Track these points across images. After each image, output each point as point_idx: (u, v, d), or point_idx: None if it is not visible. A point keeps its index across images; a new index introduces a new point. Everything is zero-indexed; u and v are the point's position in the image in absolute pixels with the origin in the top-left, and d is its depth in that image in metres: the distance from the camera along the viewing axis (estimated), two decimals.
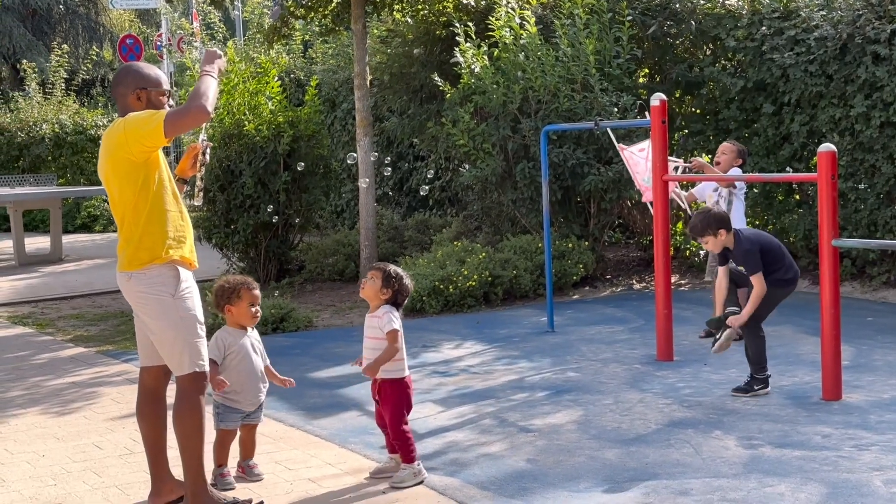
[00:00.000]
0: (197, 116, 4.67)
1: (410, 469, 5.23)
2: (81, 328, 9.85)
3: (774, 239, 6.87)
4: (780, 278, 6.62)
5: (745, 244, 6.58)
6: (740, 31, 10.83)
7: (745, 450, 5.55)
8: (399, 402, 5.28)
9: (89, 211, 19.63)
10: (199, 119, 4.69)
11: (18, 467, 5.69)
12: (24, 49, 33.22)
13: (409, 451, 5.25)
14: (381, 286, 5.28)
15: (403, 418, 5.28)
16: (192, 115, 4.67)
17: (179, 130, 4.71)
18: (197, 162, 5.13)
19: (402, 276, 5.34)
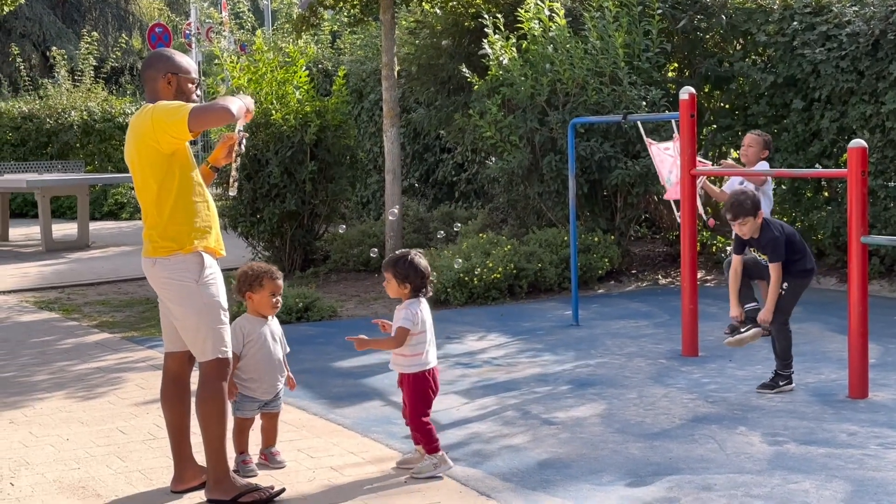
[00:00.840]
0: (220, 114, 4.70)
1: (431, 460, 5.21)
2: (107, 314, 9.89)
3: (795, 230, 6.87)
4: (802, 269, 6.64)
5: (773, 230, 6.57)
6: (771, 26, 10.75)
7: (769, 446, 5.51)
8: (415, 395, 5.25)
9: (116, 198, 19.72)
10: (223, 118, 4.74)
11: (43, 450, 5.72)
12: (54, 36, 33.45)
13: (430, 443, 5.23)
14: (397, 284, 5.25)
15: (421, 411, 5.24)
16: (215, 113, 4.70)
17: (203, 125, 4.73)
18: (232, 152, 5.14)
19: (411, 261, 5.23)
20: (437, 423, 6.08)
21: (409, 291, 5.25)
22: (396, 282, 5.25)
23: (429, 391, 5.28)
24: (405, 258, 5.26)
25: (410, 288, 5.24)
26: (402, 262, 5.24)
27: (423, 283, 5.26)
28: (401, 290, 5.26)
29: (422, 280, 5.25)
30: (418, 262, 5.25)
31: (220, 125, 4.96)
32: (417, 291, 5.26)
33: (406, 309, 5.22)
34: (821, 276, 10.47)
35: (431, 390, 5.30)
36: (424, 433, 5.23)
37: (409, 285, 5.24)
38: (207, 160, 5.24)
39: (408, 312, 5.20)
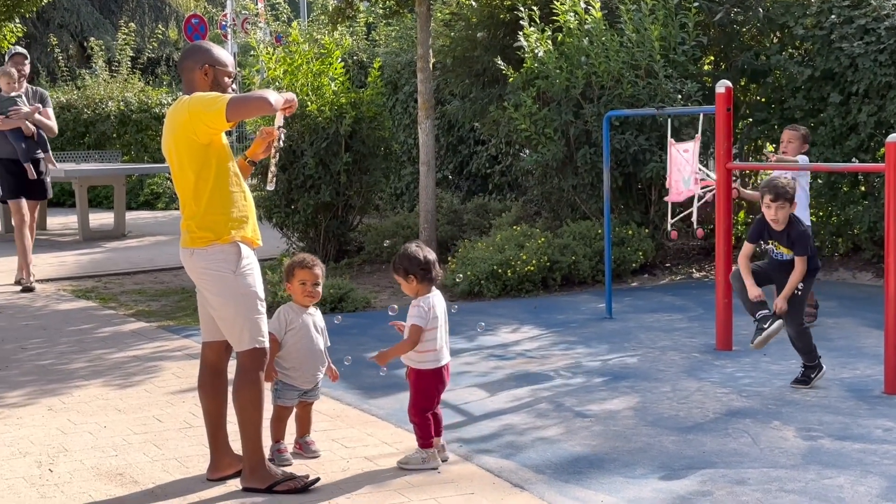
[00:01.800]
0: (258, 104, 4.73)
1: (421, 454, 5.22)
2: (143, 303, 9.98)
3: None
4: (815, 267, 6.64)
5: (802, 224, 6.61)
6: (809, 20, 10.68)
7: (804, 441, 5.50)
8: (418, 390, 5.26)
9: (152, 188, 19.84)
10: (261, 109, 4.77)
11: (81, 437, 5.79)
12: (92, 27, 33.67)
13: (424, 437, 5.23)
14: (404, 280, 5.26)
15: (422, 406, 5.23)
16: (254, 102, 4.73)
17: (241, 116, 4.76)
18: (271, 147, 5.17)
19: (404, 253, 5.24)
20: (470, 413, 6.13)
21: (417, 283, 5.24)
22: (402, 279, 5.26)
23: (434, 388, 5.27)
24: (400, 253, 5.29)
25: (416, 279, 5.23)
26: (397, 259, 5.27)
27: (426, 270, 5.22)
28: (410, 286, 5.25)
29: (422, 267, 5.21)
30: (412, 251, 5.24)
31: (258, 115, 4.99)
32: (425, 280, 5.23)
33: (417, 306, 5.22)
34: (857, 272, 10.41)
35: (438, 387, 5.29)
36: (421, 428, 5.24)
37: (413, 276, 5.23)
38: (245, 153, 5.28)
39: (419, 309, 5.20)
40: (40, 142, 11.04)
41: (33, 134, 10.90)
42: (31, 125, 10.87)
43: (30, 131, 10.86)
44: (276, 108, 4.78)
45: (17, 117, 10.77)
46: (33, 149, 10.95)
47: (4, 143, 10.86)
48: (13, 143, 10.81)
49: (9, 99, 10.85)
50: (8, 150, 10.86)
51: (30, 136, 10.88)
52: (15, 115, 10.78)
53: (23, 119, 10.80)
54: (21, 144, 10.83)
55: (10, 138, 10.82)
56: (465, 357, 7.57)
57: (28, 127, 10.82)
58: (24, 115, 10.82)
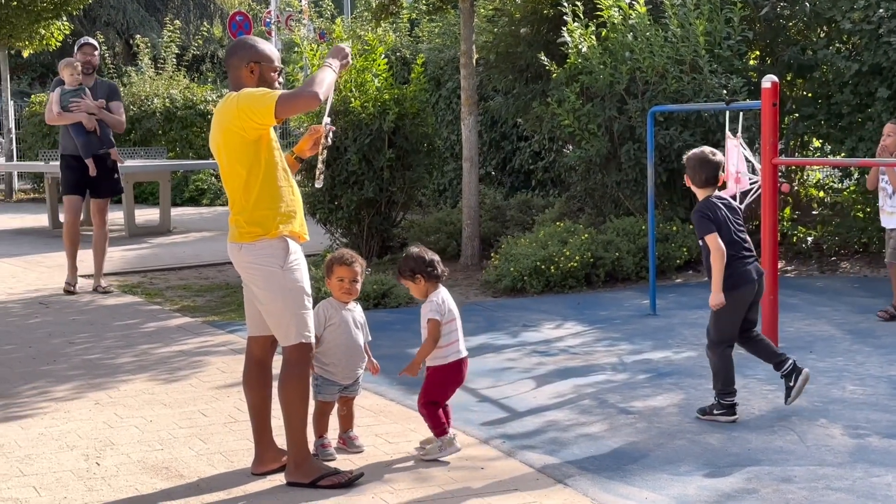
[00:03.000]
0: (308, 101, 4.73)
1: (437, 443, 5.30)
2: (188, 298, 10.05)
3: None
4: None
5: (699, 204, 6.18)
6: (857, 14, 10.56)
7: (851, 439, 5.44)
8: (431, 383, 5.34)
9: (197, 184, 19.99)
10: (310, 104, 4.76)
11: (127, 431, 5.84)
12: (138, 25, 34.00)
13: (435, 427, 5.29)
14: (411, 282, 5.36)
15: (432, 397, 5.31)
16: (303, 99, 4.73)
17: (290, 112, 4.77)
18: (318, 144, 5.19)
19: (408, 256, 5.38)
20: (514, 409, 6.12)
21: (425, 282, 5.33)
22: (409, 281, 5.36)
23: (448, 382, 5.34)
24: (402, 258, 5.44)
25: (423, 278, 5.32)
26: (402, 263, 5.41)
27: (429, 268, 5.31)
28: (419, 287, 5.35)
29: (428, 265, 5.31)
30: (416, 253, 5.37)
31: (307, 111, 4.98)
32: (432, 278, 5.32)
33: (430, 301, 5.30)
34: None
35: (453, 381, 5.35)
36: (429, 418, 5.31)
37: (421, 276, 5.32)
38: (293, 150, 5.30)
39: (433, 304, 5.29)
40: (104, 137, 10.36)
41: (95, 129, 10.25)
42: (94, 120, 10.23)
43: (91, 126, 10.20)
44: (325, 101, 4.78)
45: (78, 111, 10.19)
46: (95, 145, 10.30)
47: (67, 139, 10.37)
48: (74, 137, 10.25)
49: (73, 91, 10.24)
50: (70, 145, 10.34)
51: (91, 130, 10.23)
52: (76, 108, 10.19)
53: (83, 113, 10.19)
54: (82, 139, 10.22)
55: (71, 133, 10.28)
56: (509, 353, 7.57)
57: (89, 121, 10.19)
58: (87, 108, 10.21)
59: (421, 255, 5.35)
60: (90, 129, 10.21)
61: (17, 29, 19.84)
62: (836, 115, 10.95)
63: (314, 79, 4.77)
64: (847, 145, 10.71)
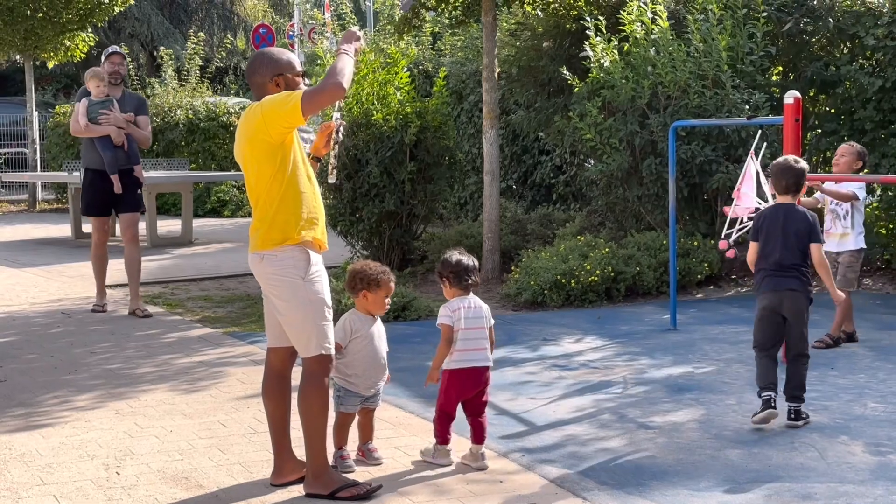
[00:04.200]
0: (333, 93, 4.74)
1: (433, 449, 5.40)
2: (209, 309, 10.08)
3: None
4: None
5: None
6: (880, 30, 10.53)
7: (872, 456, 5.41)
8: (443, 389, 5.42)
9: (219, 196, 20.06)
10: (335, 95, 4.76)
11: (147, 441, 5.86)
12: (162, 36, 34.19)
13: (441, 434, 5.38)
14: (441, 283, 5.48)
15: (442, 402, 5.40)
16: (328, 92, 4.74)
17: (317, 108, 4.77)
18: (331, 140, 5.23)
19: (444, 259, 5.47)
20: (533, 423, 6.11)
21: (450, 286, 5.42)
22: (440, 282, 5.50)
23: (457, 388, 5.39)
24: (441, 259, 5.51)
25: (448, 282, 5.41)
26: (438, 266, 5.51)
27: (455, 274, 5.39)
28: (445, 289, 5.47)
29: (452, 270, 5.39)
30: (448, 256, 5.46)
31: (334, 102, 4.96)
32: (457, 285, 5.40)
33: (444, 306, 5.39)
34: None
35: (463, 389, 5.40)
36: (437, 424, 5.40)
37: (446, 280, 5.42)
38: (309, 150, 5.30)
39: (445, 309, 5.37)
40: (131, 153, 9.82)
41: (123, 143, 9.73)
42: (122, 134, 9.74)
43: (120, 140, 9.70)
44: (348, 90, 4.79)
45: (107, 124, 9.65)
46: (122, 160, 9.75)
47: (92, 153, 9.77)
48: (100, 151, 9.67)
49: (100, 103, 9.71)
50: (95, 159, 9.75)
51: (119, 145, 9.72)
52: (104, 121, 9.65)
53: (113, 126, 9.68)
54: (108, 154, 9.68)
55: (97, 146, 9.70)
56: (528, 367, 7.56)
57: (118, 135, 9.69)
58: (115, 121, 9.68)
59: (449, 258, 5.43)
60: (118, 143, 9.72)
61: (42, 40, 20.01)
62: (859, 131, 10.91)
63: (334, 69, 4.75)
64: (870, 161, 10.65)
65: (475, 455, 5.38)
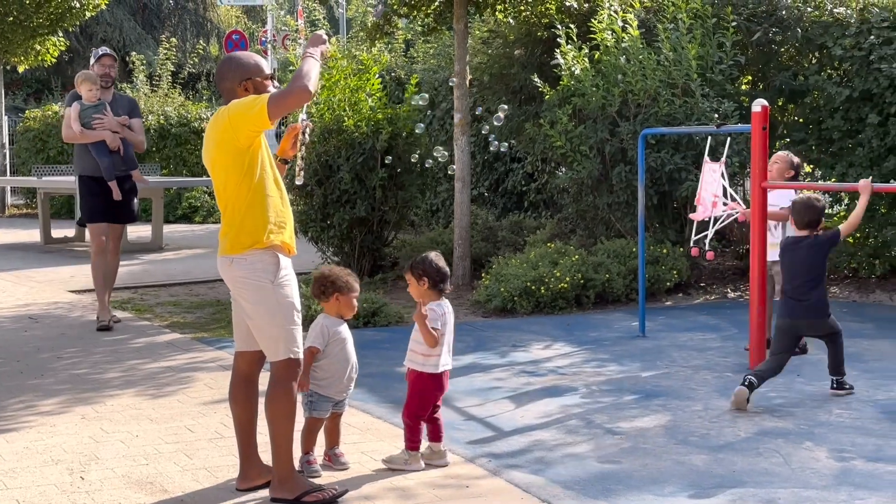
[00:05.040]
0: (300, 96, 4.74)
1: (404, 456, 5.39)
2: (178, 315, 10.04)
3: None
4: None
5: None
6: (848, 40, 10.63)
7: (836, 462, 5.45)
8: (415, 393, 5.43)
9: (190, 202, 20.00)
10: (302, 99, 4.76)
11: (112, 446, 5.83)
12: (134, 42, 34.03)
13: (412, 440, 5.39)
14: (416, 281, 5.43)
15: (415, 408, 5.40)
16: (294, 96, 4.74)
17: (283, 111, 4.78)
18: (297, 142, 5.23)
19: (425, 258, 5.46)
20: (500, 429, 6.12)
21: (427, 288, 5.41)
22: (414, 279, 5.44)
23: (430, 392, 5.44)
24: (420, 256, 5.51)
25: (427, 284, 5.40)
26: (418, 261, 5.47)
27: (440, 277, 5.42)
28: (420, 289, 5.43)
29: (438, 275, 5.41)
30: (434, 259, 5.45)
31: (300, 105, 4.96)
32: (435, 289, 5.41)
33: (431, 309, 5.39)
34: (893, 293, 10.32)
35: (435, 392, 5.45)
36: (411, 430, 5.40)
37: (426, 281, 5.40)
38: (276, 153, 5.30)
39: (433, 314, 5.37)
40: (127, 157, 9.47)
41: (119, 148, 9.35)
42: (118, 139, 9.37)
43: (115, 145, 9.32)
44: (314, 94, 4.80)
45: (101, 128, 9.30)
46: (119, 165, 9.40)
47: (87, 159, 9.35)
48: (96, 158, 9.28)
49: (93, 107, 9.32)
50: (90, 166, 9.34)
51: (115, 150, 9.33)
52: (99, 126, 9.29)
53: (108, 131, 9.33)
54: (105, 160, 9.28)
55: (92, 153, 9.30)
56: (497, 373, 7.57)
57: (114, 140, 9.33)
58: (110, 125, 9.33)
59: (437, 263, 5.43)
60: (114, 148, 9.33)
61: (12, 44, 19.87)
62: (827, 140, 11.00)
63: (300, 73, 4.75)
64: (838, 170, 10.76)
65: (438, 452, 5.43)
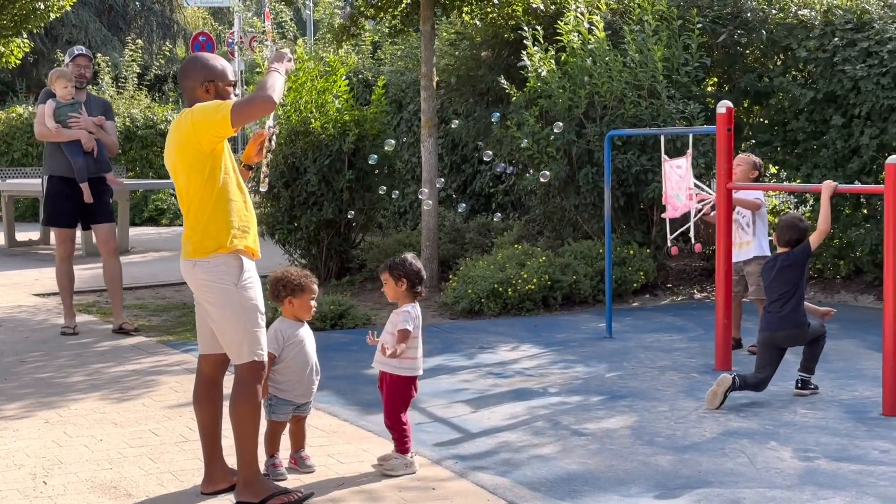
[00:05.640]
0: (263, 106, 4.72)
1: (402, 459, 5.35)
2: (144, 318, 9.98)
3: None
4: None
5: None
6: (812, 42, 10.70)
7: (800, 462, 5.48)
8: (397, 396, 5.41)
9: (157, 204, 19.89)
10: (265, 109, 4.75)
11: (76, 450, 5.78)
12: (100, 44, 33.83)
13: (403, 442, 5.37)
14: (394, 282, 5.42)
15: (401, 411, 5.40)
16: (257, 105, 4.72)
17: (246, 120, 4.76)
18: (263, 148, 5.20)
19: (405, 260, 5.45)
20: (467, 430, 6.12)
21: (405, 290, 5.41)
22: (392, 280, 5.42)
23: (408, 394, 5.45)
24: (400, 258, 5.48)
25: (405, 287, 5.40)
26: (397, 262, 5.45)
27: (418, 280, 5.42)
28: (397, 290, 5.43)
29: (416, 276, 5.41)
30: (414, 262, 5.46)
31: (263, 115, 4.95)
32: (412, 292, 5.42)
33: (403, 313, 5.39)
34: (858, 294, 10.40)
35: (410, 395, 5.46)
36: (400, 432, 5.38)
37: (405, 282, 5.40)
38: (241, 158, 5.27)
39: (405, 315, 5.37)
40: (101, 159, 9.18)
41: (93, 149, 9.06)
42: (93, 139, 9.08)
43: (90, 146, 9.03)
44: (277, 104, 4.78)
45: (77, 128, 9.00)
46: (92, 167, 9.09)
47: (59, 158, 9.03)
48: (69, 158, 8.98)
49: (68, 105, 9.01)
50: (62, 166, 9.03)
51: (89, 151, 9.04)
52: (75, 124, 8.98)
53: (83, 130, 9.02)
54: (79, 160, 8.98)
55: (66, 152, 8.99)
56: (463, 374, 7.57)
57: (89, 140, 9.03)
58: (85, 125, 9.03)
59: (417, 267, 5.44)
60: (88, 149, 9.04)
61: None
62: (792, 141, 11.07)
63: (265, 84, 4.74)
64: (802, 172, 10.83)
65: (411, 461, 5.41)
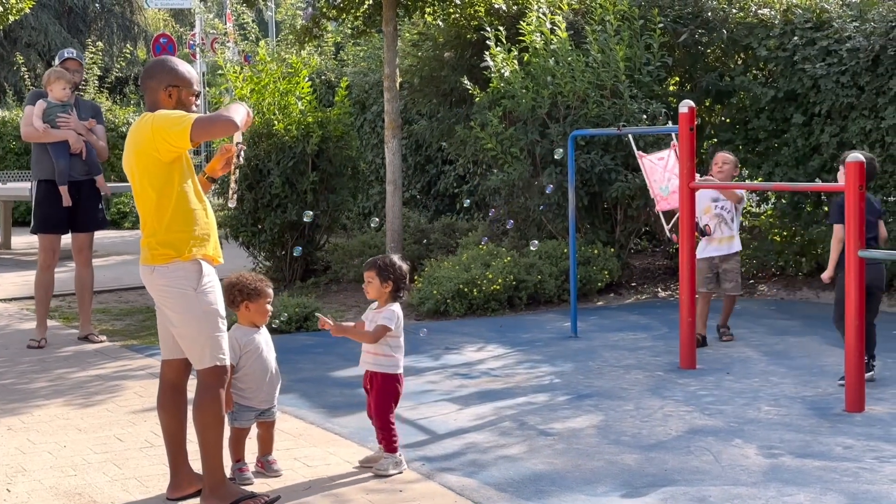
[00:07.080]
0: (224, 126, 4.72)
1: (392, 459, 5.38)
2: (107, 322, 9.91)
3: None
4: None
5: None
6: (772, 41, 10.78)
7: (765, 458, 5.52)
8: (387, 395, 5.43)
9: (119, 207, 19.75)
10: (226, 130, 4.75)
11: (40, 457, 5.73)
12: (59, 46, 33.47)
13: (391, 442, 5.40)
14: (380, 282, 5.43)
15: (389, 409, 5.41)
16: (219, 125, 4.72)
17: (206, 137, 4.74)
18: (230, 164, 5.13)
19: (395, 263, 5.47)
20: (434, 432, 6.12)
21: (389, 292, 5.43)
22: (378, 280, 5.43)
23: (398, 392, 5.48)
24: (389, 259, 5.49)
25: (391, 288, 5.42)
26: (387, 262, 5.46)
27: (404, 284, 5.46)
28: (381, 290, 5.44)
29: (403, 281, 5.45)
30: (402, 265, 5.48)
31: (223, 136, 4.96)
32: (395, 293, 5.44)
33: (389, 310, 5.41)
34: (820, 291, 10.48)
35: (399, 392, 5.49)
36: (387, 432, 5.40)
37: (390, 284, 5.42)
38: (205, 171, 5.24)
39: (390, 313, 5.39)
40: (90, 162, 8.84)
41: (82, 152, 8.73)
42: (81, 141, 8.74)
43: (78, 147, 8.69)
44: (241, 128, 4.76)
45: (66, 128, 8.67)
46: (78, 170, 8.77)
47: (46, 161, 8.70)
48: (53, 158, 8.64)
49: (59, 106, 8.69)
50: (51, 169, 8.70)
51: (77, 153, 8.71)
52: (63, 125, 8.66)
53: (72, 131, 8.69)
54: (62, 162, 8.64)
55: (50, 153, 8.66)
56: (430, 375, 7.57)
57: (77, 142, 8.69)
58: (76, 126, 8.71)
59: (404, 271, 5.46)
60: (76, 151, 8.71)
61: None
62: (754, 140, 11.15)
63: (230, 107, 4.75)
64: (764, 170, 10.91)
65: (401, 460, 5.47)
